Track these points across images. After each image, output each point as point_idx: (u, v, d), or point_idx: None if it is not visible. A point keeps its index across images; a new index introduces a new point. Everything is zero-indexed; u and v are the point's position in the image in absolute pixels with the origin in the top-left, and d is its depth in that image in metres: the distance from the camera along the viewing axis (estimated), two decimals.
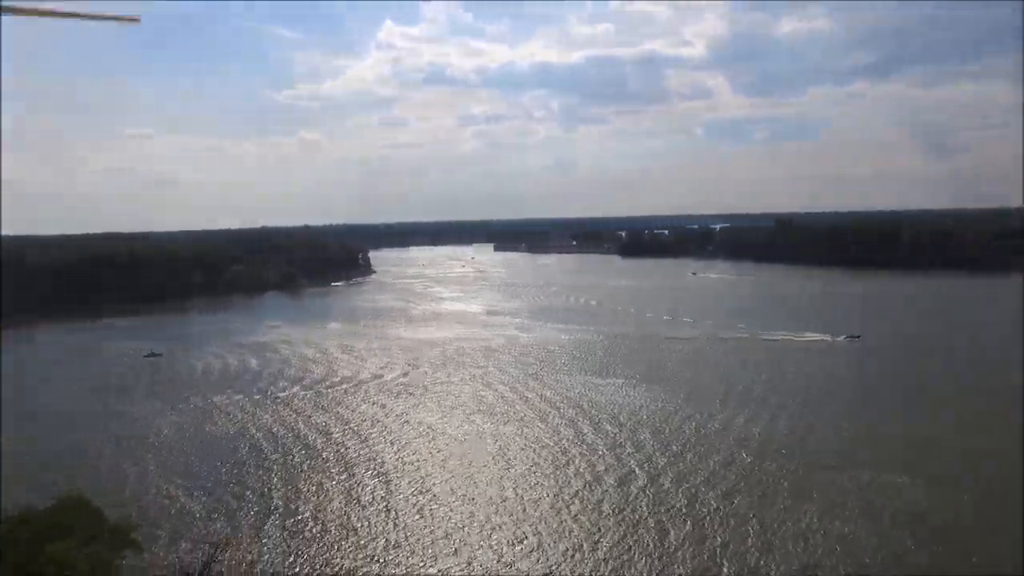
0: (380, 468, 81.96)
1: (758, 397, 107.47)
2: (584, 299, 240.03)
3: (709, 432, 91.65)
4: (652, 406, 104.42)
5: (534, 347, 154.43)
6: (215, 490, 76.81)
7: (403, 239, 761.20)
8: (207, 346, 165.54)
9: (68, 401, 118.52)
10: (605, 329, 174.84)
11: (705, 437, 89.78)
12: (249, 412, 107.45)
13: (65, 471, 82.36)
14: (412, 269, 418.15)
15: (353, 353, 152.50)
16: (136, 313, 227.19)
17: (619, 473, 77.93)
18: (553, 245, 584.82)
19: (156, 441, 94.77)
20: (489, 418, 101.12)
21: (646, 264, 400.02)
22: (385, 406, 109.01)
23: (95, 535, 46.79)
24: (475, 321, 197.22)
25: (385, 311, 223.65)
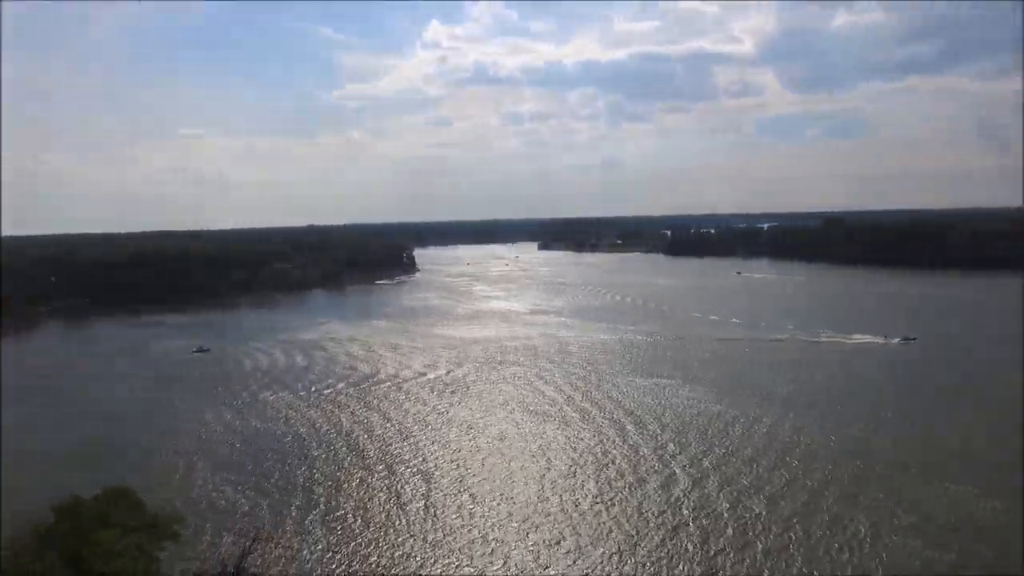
0: (420, 465, 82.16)
1: (807, 400, 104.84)
2: (629, 298, 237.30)
3: (756, 435, 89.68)
4: (698, 407, 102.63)
5: (577, 346, 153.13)
6: (258, 484, 77.84)
7: (448, 238, 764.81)
8: (253, 342, 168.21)
9: (120, 395, 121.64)
10: (650, 329, 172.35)
11: (751, 440, 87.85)
12: (294, 407, 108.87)
13: (114, 463, 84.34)
14: (456, 267, 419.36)
15: (396, 350, 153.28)
16: (184, 310, 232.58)
17: (662, 475, 76.76)
18: (597, 244, 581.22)
19: (203, 435, 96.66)
20: (530, 417, 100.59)
21: (691, 263, 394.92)
22: (427, 403, 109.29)
23: (137, 526, 47.59)
24: (518, 320, 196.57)
25: (428, 309, 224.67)
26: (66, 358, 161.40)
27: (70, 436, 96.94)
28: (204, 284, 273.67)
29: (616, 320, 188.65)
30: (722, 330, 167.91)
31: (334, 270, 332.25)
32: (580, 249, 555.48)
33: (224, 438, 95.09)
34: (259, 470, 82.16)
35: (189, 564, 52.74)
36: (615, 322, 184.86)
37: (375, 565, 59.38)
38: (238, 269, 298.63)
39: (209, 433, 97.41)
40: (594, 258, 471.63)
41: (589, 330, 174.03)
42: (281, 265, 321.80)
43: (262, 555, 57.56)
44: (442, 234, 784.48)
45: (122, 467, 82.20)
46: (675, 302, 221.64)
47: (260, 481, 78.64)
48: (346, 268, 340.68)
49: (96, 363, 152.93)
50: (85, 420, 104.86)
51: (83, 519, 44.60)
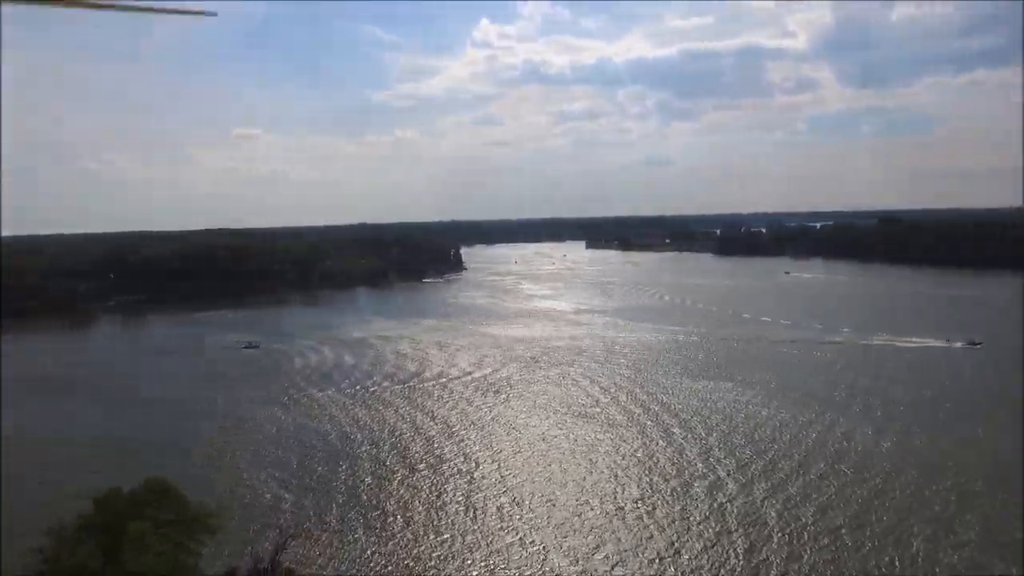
0: (462, 465, 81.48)
1: (862, 406, 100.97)
2: (677, 298, 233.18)
3: (806, 440, 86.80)
4: (746, 410, 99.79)
5: (623, 346, 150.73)
6: (300, 480, 78.20)
7: (495, 236, 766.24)
8: (302, 339, 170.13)
9: (169, 390, 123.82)
10: (700, 330, 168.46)
11: (802, 445, 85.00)
12: (339, 404, 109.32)
13: (160, 456, 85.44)
14: (503, 266, 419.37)
15: (442, 349, 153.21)
16: (236, 307, 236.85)
17: (707, 480, 74.68)
18: (646, 243, 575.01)
19: (249, 430, 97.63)
20: (574, 418, 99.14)
21: (741, 263, 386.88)
22: (471, 403, 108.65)
23: (173, 519, 48.04)
24: (564, 319, 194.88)
25: (475, 308, 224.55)
26: (120, 353, 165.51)
27: (120, 429, 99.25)
28: (256, 282, 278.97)
29: (663, 320, 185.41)
30: (773, 332, 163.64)
31: (382, 268, 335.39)
32: (627, 248, 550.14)
33: (269, 434, 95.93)
34: (302, 467, 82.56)
35: (226, 559, 52.96)
36: (662, 322, 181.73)
37: (411, 565, 58.96)
38: (289, 267, 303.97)
39: (255, 428, 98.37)
40: (641, 257, 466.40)
41: (636, 330, 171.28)
42: (330, 263, 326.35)
43: (298, 552, 57.66)
44: (490, 233, 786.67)
45: (167, 460, 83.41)
46: (724, 303, 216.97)
47: (302, 478, 79.00)
48: (394, 266, 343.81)
49: (148, 358, 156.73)
50: (136, 414, 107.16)
51: (118, 511, 45.13)
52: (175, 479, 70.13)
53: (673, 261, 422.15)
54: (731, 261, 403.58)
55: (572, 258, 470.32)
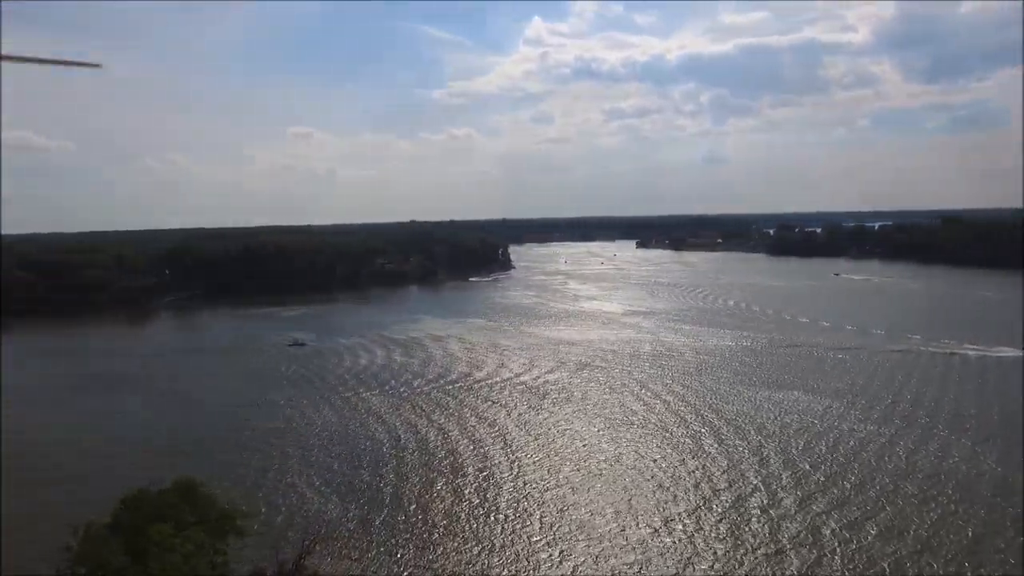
0: (506, 472, 79.20)
1: (927, 419, 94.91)
2: (731, 301, 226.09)
3: (868, 456, 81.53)
4: (806, 422, 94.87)
5: (675, 351, 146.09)
6: (336, 482, 77.27)
7: (546, 234, 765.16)
8: (349, 337, 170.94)
9: (214, 386, 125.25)
10: (755, 334, 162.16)
11: (864, 461, 79.75)
12: (381, 404, 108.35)
13: (196, 454, 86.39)
14: (551, 265, 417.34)
15: (489, 350, 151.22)
16: (286, 304, 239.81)
17: (762, 496, 70.63)
18: (697, 242, 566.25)
19: (289, 429, 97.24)
20: (623, 426, 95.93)
21: (795, 264, 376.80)
22: (517, 407, 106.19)
23: (199, 520, 48.04)
24: (614, 321, 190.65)
25: (522, 308, 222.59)
26: (169, 350, 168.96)
27: (164, 427, 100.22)
28: (306, 279, 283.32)
29: (716, 324, 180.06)
30: (835, 338, 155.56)
31: (431, 267, 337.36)
32: (679, 248, 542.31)
33: (309, 433, 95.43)
34: (339, 468, 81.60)
35: (253, 560, 52.81)
36: (717, 326, 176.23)
37: (437, 569, 57.87)
38: (340, 265, 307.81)
39: (295, 427, 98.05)
40: (693, 257, 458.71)
41: (687, 334, 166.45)
42: (380, 261, 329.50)
43: (324, 555, 57.10)
44: (541, 230, 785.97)
45: (202, 458, 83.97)
46: (780, 305, 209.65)
47: (338, 479, 78.03)
48: (443, 265, 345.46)
49: (195, 356, 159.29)
50: (180, 411, 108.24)
51: (145, 512, 45.26)
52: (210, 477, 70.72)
53: (725, 261, 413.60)
54: (785, 262, 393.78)
55: (622, 258, 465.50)
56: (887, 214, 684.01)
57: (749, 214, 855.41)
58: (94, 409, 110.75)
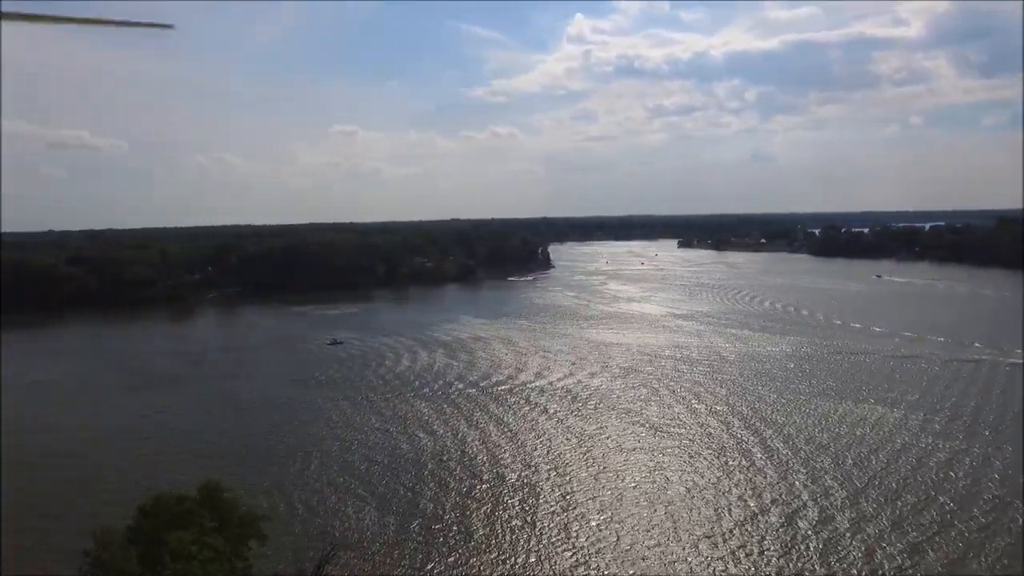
0: (531, 478, 77.05)
1: (992, 437, 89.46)
2: (778, 304, 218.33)
3: (928, 475, 76.81)
4: (862, 435, 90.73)
5: (722, 356, 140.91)
6: (362, 486, 75.74)
7: (587, 233, 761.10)
8: (385, 336, 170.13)
9: (251, 386, 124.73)
10: (806, 340, 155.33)
11: (924, 481, 75.11)
12: (415, 407, 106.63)
13: (224, 455, 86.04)
14: (592, 265, 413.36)
15: (526, 353, 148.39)
16: (325, 301, 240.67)
17: (814, 515, 66.98)
18: (740, 242, 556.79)
19: (320, 431, 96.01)
20: (655, 431, 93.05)
21: (841, 265, 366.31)
22: (548, 411, 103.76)
23: (216, 526, 47.25)
24: (657, 324, 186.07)
25: (561, 309, 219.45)
26: (207, 347, 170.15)
27: (195, 427, 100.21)
28: (346, 277, 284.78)
29: (765, 328, 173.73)
30: (891, 344, 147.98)
31: (470, 265, 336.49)
32: (721, 248, 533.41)
33: (340, 436, 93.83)
34: (366, 472, 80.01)
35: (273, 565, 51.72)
36: (764, 330, 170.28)
37: None
38: (380, 263, 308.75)
39: (327, 429, 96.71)
40: (735, 257, 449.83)
41: (734, 338, 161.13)
42: (419, 259, 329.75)
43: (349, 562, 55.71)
44: (582, 229, 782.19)
45: (235, 459, 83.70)
46: (829, 309, 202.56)
47: (365, 484, 76.37)
48: (482, 264, 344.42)
49: (236, 352, 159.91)
50: (213, 411, 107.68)
51: (161, 518, 44.47)
52: (239, 480, 70.27)
53: (768, 262, 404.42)
54: (830, 263, 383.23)
55: (664, 258, 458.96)
56: (939, 214, 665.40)
57: (794, 213, 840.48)
58: (132, 408, 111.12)
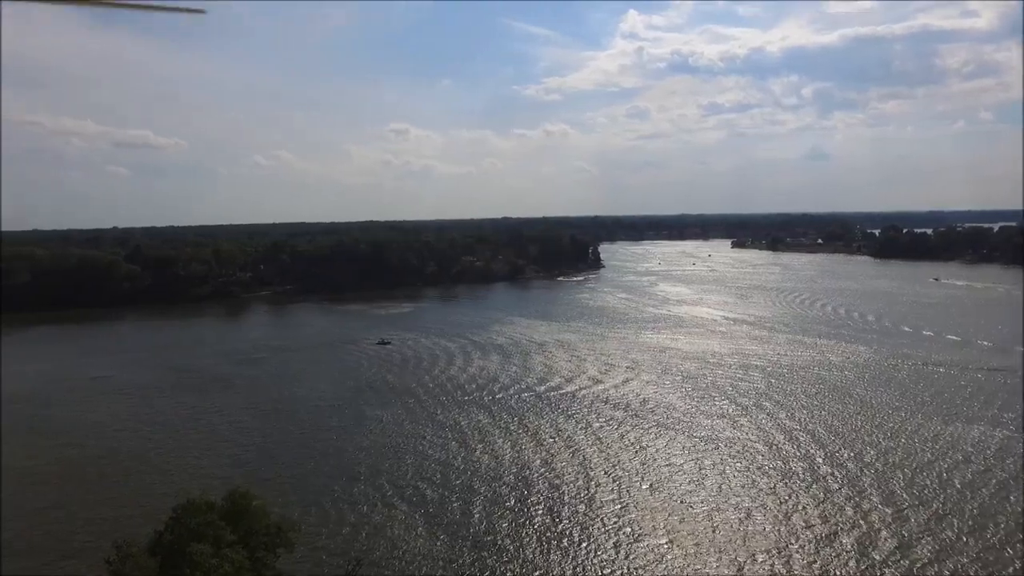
0: (584, 490, 74.58)
1: None
2: (841, 309, 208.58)
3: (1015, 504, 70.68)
4: (919, 450, 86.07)
5: (786, 366, 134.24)
6: (402, 492, 74.55)
7: (638, 233, 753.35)
8: (434, 337, 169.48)
9: (297, 387, 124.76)
10: (875, 348, 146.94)
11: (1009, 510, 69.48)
12: (463, 413, 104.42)
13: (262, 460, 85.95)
14: (643, 265, 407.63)
15: (576, 356, 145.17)
16: (375, 300, 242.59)
17: (889, 546, 62.70)
18: (795, 243, 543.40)
19: (363, 437, 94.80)
20: (712, 443, 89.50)
21: (902, 268, 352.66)
22: (604, 421, 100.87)
23: (250, 533, 46.71)
24: (715, 330, 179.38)
25: (611, 310, 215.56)
26: (262, 344, 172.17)
27: (243, 428, 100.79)
28: (396, 275, 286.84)
29: (824, 334, 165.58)
30: (971, 355, 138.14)
31: (519, 264, 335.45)
32: (776, 249, 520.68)
33: (382, 442, 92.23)
34: (403, 482, 78.25)
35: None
36: (823, 336, 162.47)
37: None
38: (430, 262, 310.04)
39: (370, 435, 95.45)
40: (791, 258, 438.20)
41: (792, 344, 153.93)
42: (469, 258, 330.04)
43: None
44: (633, 229, 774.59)
45: (270, 465, 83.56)
46: (898, 316, 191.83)
47: (399, 496, 74.80)
48: (532, 263, 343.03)
49: (284, 352, 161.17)
50: (256, 412, 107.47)
51: (183, 529, 44.15)
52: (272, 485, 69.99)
53: (826, 264, 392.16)
54: (891, 265, 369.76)
55: (717, 259, 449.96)
56: (1009, 214, 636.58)
57: (853, 213, 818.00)
58: (179, 408, 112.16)
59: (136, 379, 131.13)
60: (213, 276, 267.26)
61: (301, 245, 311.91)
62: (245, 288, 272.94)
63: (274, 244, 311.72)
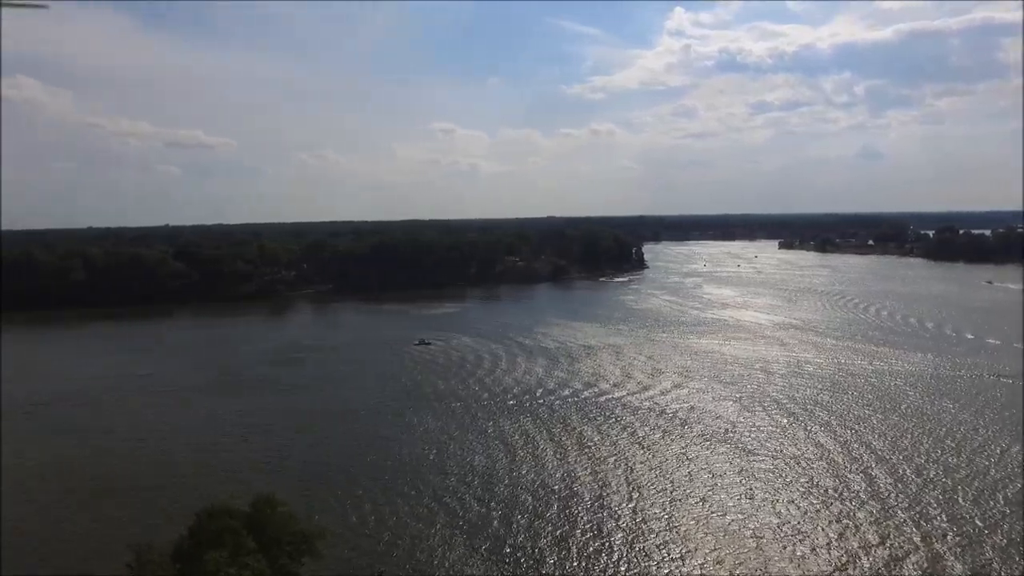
0: (630, 503, 71.56)
1: None
2: (897, 314, 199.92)
3: None
4: (1005, 471, 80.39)
5: (829, 372, 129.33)
6: (441, 500, 72.52)
7: (683, 233, 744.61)
8: (475, 338, 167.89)
9: (340, 389, 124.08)
10: (933, 357, 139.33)
11: None
12: (504, 420, 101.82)
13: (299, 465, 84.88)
14: (688, 266, 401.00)
15: (620, 359, 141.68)
16: (415, 300, 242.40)
17: (955, 568, 58.79)
18: (845, 244, 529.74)
19: (399, 443, 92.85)
20: (761, 456, 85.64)
21: (961, 271, 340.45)
22: (646, 426, 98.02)
23: (274, 540, 45.57)
24: (756, 333, 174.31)
25: (656, 313, 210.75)
26: (303, 343, 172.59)
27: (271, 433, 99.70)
28: (439, 275, 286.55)
29: (888, 342, 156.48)
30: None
31: (563, 265, 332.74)
32: (824, 250, 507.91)
33: (422, 447, 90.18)
34: (448, 490, 76.00)
35: None
36: (886, 344, 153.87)
37: None
38: (472, 261, 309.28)
39: (411, 440, 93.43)
40: (841, 260, 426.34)
41: (850, 352, 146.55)
42: (511, 258, 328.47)
43: None
44: (678, 228, 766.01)
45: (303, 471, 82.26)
46: (958, 321, 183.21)
47: (443, 504, 72.70)
48: (575, 263, 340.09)
49: (325, 352, 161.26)
50: (295, 416, 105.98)
51: (203, 535, 43.11)
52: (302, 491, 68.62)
53: (878, 266, 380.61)
54: (946, 267, 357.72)
55: (764, 260, 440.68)
56: None
57: (905, 213, 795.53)
58: (218, 410, 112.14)
59: (180, 379, 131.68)
60: (257, 274, 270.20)
61: (343, 244, 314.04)
62: (288, 286, 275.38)
63: (316, 243, 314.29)
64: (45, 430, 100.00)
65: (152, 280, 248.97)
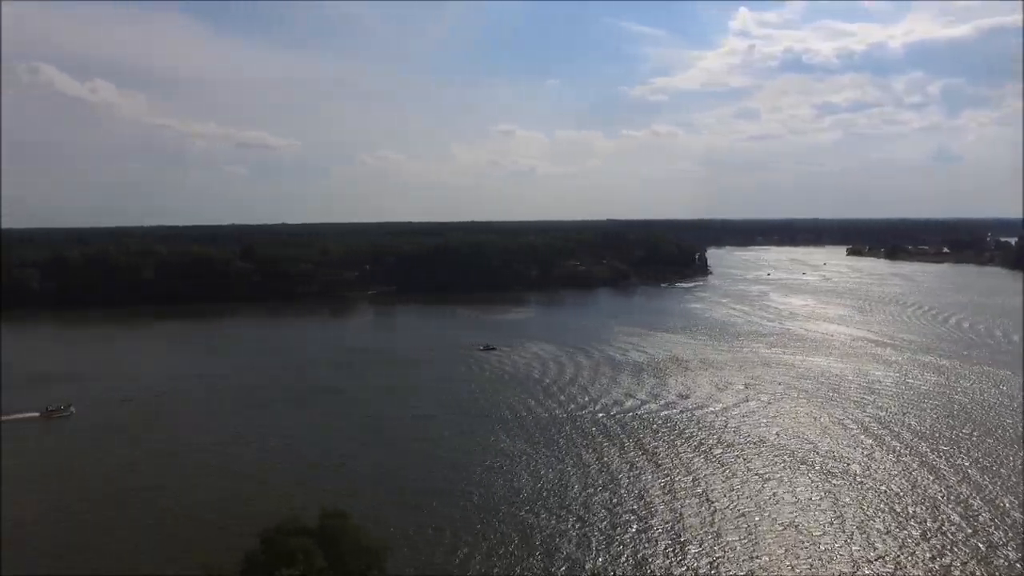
0: (708, 524, 68.64)
1: None
2: (980, 326, 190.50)
3: None
4: None
5: (909, 388, 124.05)
6: (515, 516, 70.25)
7: (747, 237, 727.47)
8: (538, 343, 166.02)
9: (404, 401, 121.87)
10: (1006, 372, 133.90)
11: None
12: (572, 427, 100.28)
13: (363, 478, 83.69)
14: (752, 273, 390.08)
15: (688, 370, 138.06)
16: (476, 303, 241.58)
17: None
18: (917, 251, 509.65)
19: (464, 455, 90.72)
20: (845, 478, 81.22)
21: None
22: (720, 443, 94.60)
23: (343, 556, 44.36)
24: (828, 345, 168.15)
25: (724, 323, 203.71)
26: (367, 348, 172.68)
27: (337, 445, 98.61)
28: (498, 278, 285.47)
29: (970, 358, 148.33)
30: None
31: (623, 270, 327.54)
32: (894, 257, 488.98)
33: (493, 457, 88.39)
34: (521, 503, 73.95)
35: None
36: (969, 360, 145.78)
37: None
38: (532, 264, 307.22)
39: (479, 450, 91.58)
40: (912, 268, 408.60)
41: (930, 368, 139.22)
42: (572, 262, 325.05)
43: None
44: (742, 232, 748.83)
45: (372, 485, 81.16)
46: None
47: (503, 513, 70.99)
48: (636, 268, 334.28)
49: (387, 355, 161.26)
50: (361, 429, 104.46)
51: (272, 554, 41.88)
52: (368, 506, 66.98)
53: (954, 275, 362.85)
54: None
55: (832, 267, 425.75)
56: None
57: (984, 219, 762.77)
58: (286, 421, 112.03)
59: (243, 380, 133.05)
60: (320, 276, 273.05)
61: (405, 246, 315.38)
62: (350, 288, 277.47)
63: (378, 245, 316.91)
64: (123, 431, 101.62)
65: (219, 280, 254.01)
